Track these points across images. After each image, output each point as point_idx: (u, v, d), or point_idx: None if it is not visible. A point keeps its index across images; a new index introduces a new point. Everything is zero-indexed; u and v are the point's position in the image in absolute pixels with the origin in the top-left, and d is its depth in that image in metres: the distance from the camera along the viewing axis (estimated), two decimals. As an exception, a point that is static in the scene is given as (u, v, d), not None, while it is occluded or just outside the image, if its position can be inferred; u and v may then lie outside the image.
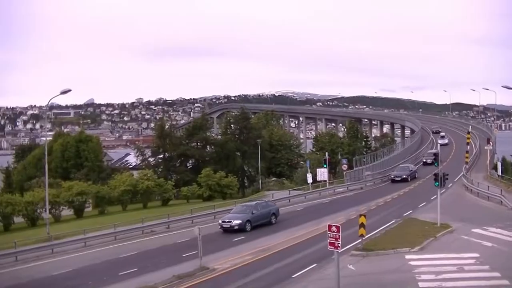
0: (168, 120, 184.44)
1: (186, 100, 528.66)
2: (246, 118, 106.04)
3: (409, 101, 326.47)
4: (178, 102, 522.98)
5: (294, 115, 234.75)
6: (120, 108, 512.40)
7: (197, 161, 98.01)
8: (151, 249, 39.91)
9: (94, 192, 69.15)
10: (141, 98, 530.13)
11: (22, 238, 43.43)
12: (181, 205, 72.15)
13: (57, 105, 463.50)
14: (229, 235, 42.92)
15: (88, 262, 36.63)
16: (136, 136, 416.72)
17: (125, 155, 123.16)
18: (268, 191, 76.50)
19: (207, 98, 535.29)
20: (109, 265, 35.53)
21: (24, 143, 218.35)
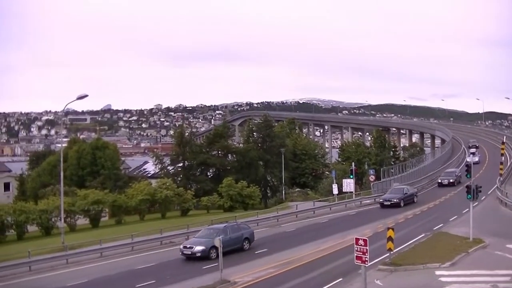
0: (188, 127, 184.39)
1: (206, 106, 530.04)
2: (269, 126, 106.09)
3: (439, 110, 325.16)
4: (199, 109, 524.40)
5: (319, 123, 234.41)
6: (138, 115, 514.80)
7: (218, 170, 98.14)
8: (169, 260, 39.85)
9: (110, 201, 69.37)
10: (160, 105, 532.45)
11: (36, 248, 43.65)
12: (201, 215, 72.18)
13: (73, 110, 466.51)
14: (252, 248, 42.74)
15: (104, 273, 36.64)
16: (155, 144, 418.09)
17: (143, 163, 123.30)
18: (292, 202, 76.36)
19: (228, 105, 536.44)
20: (126, 276, 35.53)
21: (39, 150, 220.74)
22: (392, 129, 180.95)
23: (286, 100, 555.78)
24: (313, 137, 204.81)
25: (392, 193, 64.70)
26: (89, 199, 65.96)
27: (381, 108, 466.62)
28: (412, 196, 64.59)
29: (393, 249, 32.55)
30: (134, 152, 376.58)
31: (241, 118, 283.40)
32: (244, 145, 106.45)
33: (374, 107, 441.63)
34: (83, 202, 65.40)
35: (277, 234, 49.32)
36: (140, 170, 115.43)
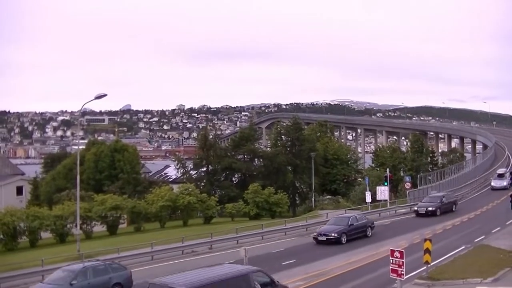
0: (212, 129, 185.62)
1: (232, 108, 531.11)
2: (299, 129, 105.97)
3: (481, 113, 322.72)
4: (223, 110, 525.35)
5: (352, 126, 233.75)
6: (159, 116, 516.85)
7: (243, 175, 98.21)
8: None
9: (129, 207, 69.47)
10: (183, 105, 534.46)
11: (50, 256, 43.87)
12: (225, 223, 72.17)
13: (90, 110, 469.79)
14: (278, 258, 42.66)
15: (121, 284, 36.68)
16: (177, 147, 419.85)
17: (164, 167, 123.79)
18: (322, 210, 76.17)
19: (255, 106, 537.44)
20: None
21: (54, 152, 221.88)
22: (430, 133, 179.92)
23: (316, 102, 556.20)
24: (345, 141, 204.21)
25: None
26: (106, 204, 66.09)
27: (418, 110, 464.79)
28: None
29: (430, 262, 32.20)
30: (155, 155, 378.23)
31: (268, 120, 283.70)
32: (272, 149, 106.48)
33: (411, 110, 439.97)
34: (100, 208, 65.59)
35: (306, 244, 49.09)
36: (161, 175, 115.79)
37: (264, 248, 46.63)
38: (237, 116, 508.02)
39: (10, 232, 58.01)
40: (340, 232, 48.66)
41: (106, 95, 47.32)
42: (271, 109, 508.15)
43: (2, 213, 59.34)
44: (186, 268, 39.97)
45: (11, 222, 57.70)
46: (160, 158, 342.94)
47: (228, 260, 41.29)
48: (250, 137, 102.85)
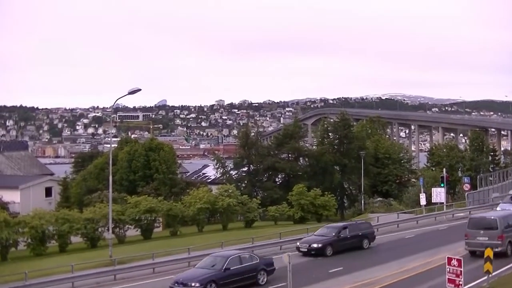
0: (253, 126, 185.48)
1: (275, 103, 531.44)
2: (347, 126, 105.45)
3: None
4: (266, 106, 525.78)
5: (405, 122, 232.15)
6: (197, 112, 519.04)
7: (287, 175, 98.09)
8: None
9: (165, 210, 69.61)
10: (222, 100, 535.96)
11: (80, 261, 44.26)
12: (268, 227, 72.11)
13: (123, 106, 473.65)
14: (324, 264, 42.52)
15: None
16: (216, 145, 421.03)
17: (203, 167, 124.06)
18: (372, 213, 75.73)
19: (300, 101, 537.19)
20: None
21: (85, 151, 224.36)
22: (491, 129, 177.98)
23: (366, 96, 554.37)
24: (397, 138, 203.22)
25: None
26: (140, 207, 66.37)
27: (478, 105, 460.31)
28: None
29: (491, 272, 31.76)
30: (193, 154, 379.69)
31: (314, 116, 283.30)
32: (318, 147, 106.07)
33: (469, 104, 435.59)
34: (134, 211, 65.93)
35: (354, 251, 48.82)
36: (199, 175, 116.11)
37: (310, 254, 46.44)
38: (281, 112, 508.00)
39: (38, 236, 58.55)
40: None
41: (140, 89, 47.55)
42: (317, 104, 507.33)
43: (30, 216, 59.93)
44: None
45: (40, 225, 58.21)
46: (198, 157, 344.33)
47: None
48: (295, 135, 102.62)
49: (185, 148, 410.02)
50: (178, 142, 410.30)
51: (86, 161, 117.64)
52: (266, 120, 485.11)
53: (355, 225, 50.66)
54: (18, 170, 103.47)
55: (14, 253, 58.23)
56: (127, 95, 48.05)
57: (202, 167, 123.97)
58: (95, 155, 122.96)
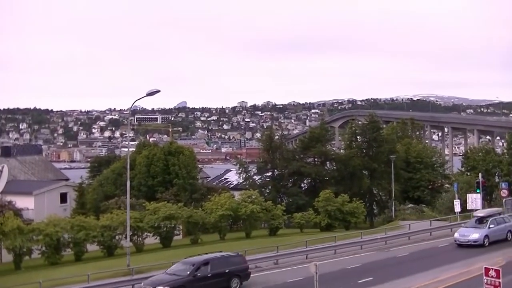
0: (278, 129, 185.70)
1: (300, 104, 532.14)
2: (377, 128, 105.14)
3: None
4: (291, 107, 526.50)
5: (437, 124, 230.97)
6: (218, 114, 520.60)
7: (313, 181, 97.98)
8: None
9: (185, 217, 69.66)
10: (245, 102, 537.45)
11: (96, 270, 44.54)
12: (293, 235, 72.07)
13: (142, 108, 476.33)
14: (354, 275, 42.35)
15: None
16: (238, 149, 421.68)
17: (224, 172, 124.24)
18: (403, 220, 75.40)
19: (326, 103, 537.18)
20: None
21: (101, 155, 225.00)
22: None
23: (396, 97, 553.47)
24: (429, 141, 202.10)
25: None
26: (159, 213, 66.50)
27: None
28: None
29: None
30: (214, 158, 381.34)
31: (342, 119, 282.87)
32: (346, 151, 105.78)
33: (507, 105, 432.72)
34: (153, 218, 66.04)
35: (385, 260, 48.76)
36: (220, 180, 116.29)
37: (337, 263, 46.33)
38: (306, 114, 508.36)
39: (53, 244, 58.85)
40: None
41: (159, 91, 47.58)
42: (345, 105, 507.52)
43: (45, 223, 60.22)
44: (247, 286, 40.19)
45: (54, 233, 58.48)
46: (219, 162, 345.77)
47: (296, 277, 41.28)
48: (321, 138, 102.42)
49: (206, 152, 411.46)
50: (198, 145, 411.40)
51: (103, 166, 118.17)
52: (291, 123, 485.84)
53: (221, 259, 40.75)
54: (32, 175, 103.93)
55: (28, 262, 58.54)
56: (146, 96, 48.10)
57: (224, 172, 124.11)
58: (112, 160, 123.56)
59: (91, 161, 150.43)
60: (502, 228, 54.80)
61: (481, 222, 55.06)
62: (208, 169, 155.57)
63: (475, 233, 53.06)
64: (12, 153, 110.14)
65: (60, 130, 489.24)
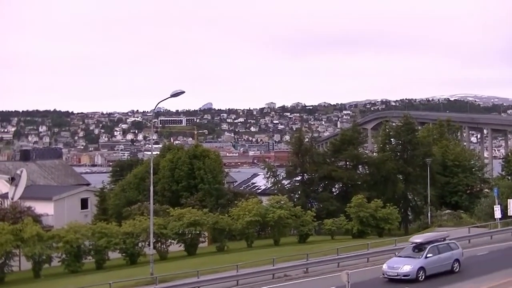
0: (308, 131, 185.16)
1: (331, 105, 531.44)
2: (412, 130, 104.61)
3: None
4: (321, 109, 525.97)
5: (476, 126, 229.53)
6: (245, 116, 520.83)
7: (345, 185, 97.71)
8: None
9: (211, 223, 69.85)
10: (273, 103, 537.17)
11: (118, 279, 44.71)
12: (324, 242, 72.03)
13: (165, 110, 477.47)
14: (387, 284, 42.22)
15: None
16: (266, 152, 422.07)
17: (252, 176, 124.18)
18: (440, 227, 74.99)
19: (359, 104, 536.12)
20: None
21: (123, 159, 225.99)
22: None
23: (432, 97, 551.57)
24: (468, 144, 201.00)
25: None
26: (184, 220, 66.67)
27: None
28: None
29: None
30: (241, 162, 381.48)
31: (375, 120, 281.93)
32: (379, 154, 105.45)
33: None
34: (177, 224, 66.22)
35: (421, 268, 48.38)
36: (248, 185, 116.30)
37: (370, 272, 46.16)
38: (337, 116, 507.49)
39: (73, 251, 59.28)
40: None
41: (184, 92, 47.73)
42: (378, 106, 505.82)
43: (65, 229, 60.66)
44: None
45: (75, 240, 58.91)
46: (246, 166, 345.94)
47: (327, 286, 41.21)
48: (353, 140, 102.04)
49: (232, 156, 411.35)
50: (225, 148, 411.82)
51: (125, 170, 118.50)
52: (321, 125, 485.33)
53: None
54: (51, 179, 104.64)
55: (48, 270, 59.02)
56: (170, 98, 48.28)
57: (252, 176, 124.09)
58: (134, 164, 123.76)
59: (113, 165, 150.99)
60: (446, 257, 45.74)
61: (419, 250, 45.79)
62: (234, 173, 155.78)
63: (407, 264, 43.66)
64: (32, 157, 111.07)
65: (80, 133, 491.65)
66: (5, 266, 57.66)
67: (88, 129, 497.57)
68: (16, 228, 58.78)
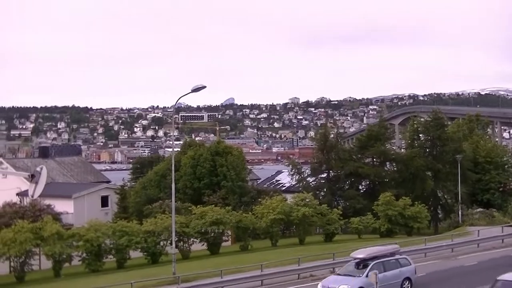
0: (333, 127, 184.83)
1: (357, 100, 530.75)
2: (441, 125, 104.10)
3: None
4: (347, 104, 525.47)
5: (509, 121, 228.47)
6: (269, 111, 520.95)
7: (372, 182, 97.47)
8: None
9: (234, 221, 69.93)
10: (297, 98, 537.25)
11: (140, 278, 44.96)
12: (351, 241, 71.77)
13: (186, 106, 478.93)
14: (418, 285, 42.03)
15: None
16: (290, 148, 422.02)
17: (276, 173, 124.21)
18: (471, 226, 74.64)
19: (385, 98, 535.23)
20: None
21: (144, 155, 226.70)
22: None
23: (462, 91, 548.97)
24: (500, 140, 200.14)
25: None
26: (207, 218, 66.73)
27: None
28: None
29: None
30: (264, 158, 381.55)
31: (402, 115, 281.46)
32: (407, 150, 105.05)
33: None
34: (200, 222, 66.33)
35: (451, 269, 48.37)
36: (271, 182, 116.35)
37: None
38: (364, 111, 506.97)
39: (94, 250, 59.55)
40: None
41: (205, 87, 47.75)
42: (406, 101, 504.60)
43: (85, 227, 60.93)
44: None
45: (95, 238, 59.16)
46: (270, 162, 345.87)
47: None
48: (380, 136, 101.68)
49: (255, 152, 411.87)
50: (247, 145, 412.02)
51: (146, 167, 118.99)
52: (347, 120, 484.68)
53: None
54: (71, 177, 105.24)
55: (68, 269, 59.34)
56: (191, 93, 48.32)
57: (275, 174, 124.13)
58: (155, 161, 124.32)
59: (133, 162, 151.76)
60: (393, 275, 40.84)
61: (364, 266, 40.60)
62: (258, 170, 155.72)
63: (344, 284, 39.12)
64: (50, 154, 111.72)
65: (100, 129, 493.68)
66: (25, 265, 58.09)
67: (107, 125, 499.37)
68: (36, 226, 59.22)
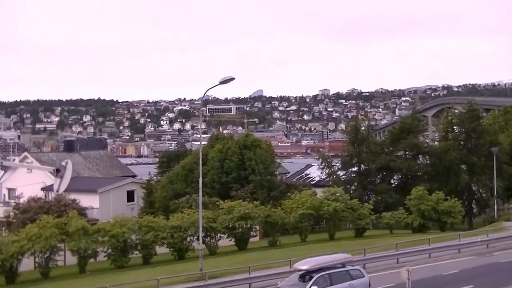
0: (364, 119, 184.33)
1: (389, 92, 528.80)
2: (476, 117, 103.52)
3: None
4: (378, 95, 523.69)
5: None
6: (298, 103, 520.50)
7: (404, 176, 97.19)
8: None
9: (262, 216, 69.87)
10: (327, 90, 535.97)
11: (166, 275, 45.12)
12: (382, 237, 71.78)
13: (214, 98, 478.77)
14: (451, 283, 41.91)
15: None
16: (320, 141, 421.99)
17: (305, 167, 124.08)
18: (507, 221, 74.35)
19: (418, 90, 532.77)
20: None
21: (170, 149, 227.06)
22: None
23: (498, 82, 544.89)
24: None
25: None
26: (234, 213, 66.69)
27: None
28: None
29: None
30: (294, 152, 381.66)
31: (436, 107, 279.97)
32: (441, 143, 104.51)
33: None
34: (227, 217, 66.33)
35: (486, 266, 48.20)
36: (301, 176, 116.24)
37: (431, 269, 45.93)
38: (396, 102, 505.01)
39: (120, 246, 59.65)
40: None
41: (234, 79, 47.65)
42: (439, 92, 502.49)
43: (111, 223, 61.05)
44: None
45: (121, 234, 59.28)
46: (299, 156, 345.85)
47: (386, 283, 40.99)
48: (413, 129, 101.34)
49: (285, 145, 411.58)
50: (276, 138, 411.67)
51: (172, 161, 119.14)
52: (378, 112, 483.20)
53: None
54: (96, 171, 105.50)
55: (93, 265, 59.54)
56: (219, 85, 48.29)
57: (305, 167, 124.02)
58: (182, 154, 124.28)
59: (160, 156, 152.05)
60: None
61: (309, 279, 36.35)
62: (287, 164, 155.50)
63: None
64: (76, 147, 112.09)
65: (126, 122, 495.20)
66: (50, 261, 58.20)
67: (133, 118, 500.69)
68: (61, 221, 59.43)
